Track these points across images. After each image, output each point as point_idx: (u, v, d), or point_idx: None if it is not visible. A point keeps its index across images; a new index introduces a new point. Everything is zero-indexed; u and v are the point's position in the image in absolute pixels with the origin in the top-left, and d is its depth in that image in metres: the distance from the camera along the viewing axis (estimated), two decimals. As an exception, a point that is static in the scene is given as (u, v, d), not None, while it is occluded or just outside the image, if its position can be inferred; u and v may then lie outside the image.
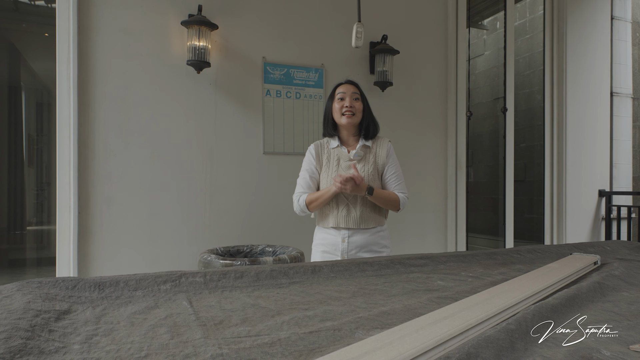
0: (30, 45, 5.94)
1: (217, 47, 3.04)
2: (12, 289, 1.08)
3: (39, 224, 6.88)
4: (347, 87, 2.12)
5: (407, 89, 3.65)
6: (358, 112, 2.10)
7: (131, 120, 2.84)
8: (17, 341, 0.75)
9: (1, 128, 5.86)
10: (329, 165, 2.12)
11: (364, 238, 2.10)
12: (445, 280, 1.61)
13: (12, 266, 5.39)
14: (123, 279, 1.27)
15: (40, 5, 4.99)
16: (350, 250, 2.09)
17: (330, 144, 2.16)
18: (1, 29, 5.65)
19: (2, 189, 5.89)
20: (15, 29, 5.59)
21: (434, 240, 3.75)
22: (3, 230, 6.05)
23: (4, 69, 6.14)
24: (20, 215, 6.47)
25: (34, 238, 6.55)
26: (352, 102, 2.08)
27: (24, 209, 6.55)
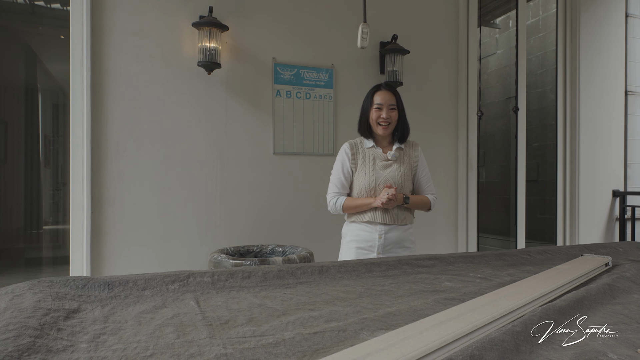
0: (46, 48, 6.05)
1: (228, 48, 3.06)
2: (24, 288, 1.10)
3: (54, 223, 7.00)
4: (386, 95, 2.18)
5: (418, 88, 3.63)
6: (393, 122, 2.20)
7: (143, 121, 2.88)
8: (25, 339, 0.77)
9: (18, 129, 5.97)
10: (365, 165, 2.20)
11: (398, 235, 2.18)
12: (452, 282, 1.60)
13: (29, 265, 5.49)
14: (132, 278, 1.29)
15: (55, 9, 5.08)
16: (387, 246, 2.17)
17: (365, 144, 2.25)
18: (19, 32, 5.74)
19: (19, 189, 5.99)
20: (32, 31, 5.69)
21: (445, 241, 3.73)
22: (20, 229, 6.15)
23: (21, 71, 6.24)
24: (36, 215, 6.58)
25: (49, 237, 6.66)
26: (389, 112, 2.17)
27: (40, 208, 6.65)
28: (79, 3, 2.74)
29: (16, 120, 6.12)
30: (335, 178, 2.23)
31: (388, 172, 2.17)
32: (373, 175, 2.16)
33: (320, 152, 3.30)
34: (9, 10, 5.20)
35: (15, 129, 6.13)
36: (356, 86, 3.43)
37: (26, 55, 6.10)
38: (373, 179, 2.15)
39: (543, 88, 4.88)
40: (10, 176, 6.03)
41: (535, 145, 4.92)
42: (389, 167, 2.18)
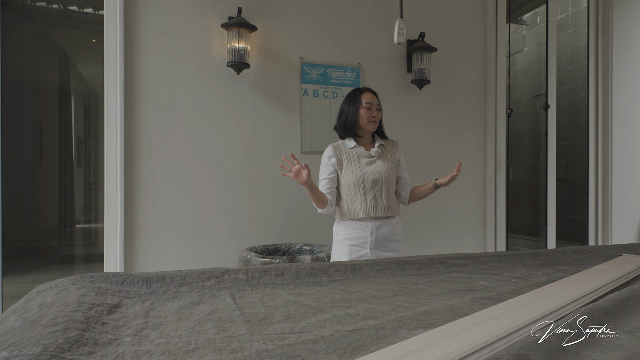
0: (79, 51, 6.21)
1: (256, 48, 3.08)
2: (67, 283, 1.14)
3: (87, 222, 7.19)
4: (372, 97, 2.32)
5: (445, 87, 3.58)
6: (378, 120, 2.33)
7: (174, 121, 2.93)
8: (74, 332, 0.79)
9: (52, 130, 6.15)
10: (350, 163, 2.28)
11: (388, 230, 2.24)
12: (487, 281, 1.57)
13: (62, 262, 5.66)
14: (169, 274, 1.31)
15: (88, 13, 5.22)
16: (378, 241, 2.22)
17: (347, 145, 2.33)
18: (53, 36, 5.90)
19: (53, 188, 6.18)
20: (66, 35, 5.84)
21: (473, 241, 3.67)
22: (54, 227, 6.31)
23: (55, 74, 6.41)
24: (69, 214, 6.76)
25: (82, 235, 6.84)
26: (376, 112, 2.31)
27: (73, 207, 6.82)
28: (113, 6, 2.81)
29: (50, 122, 6.30)
30: (322, 182, 2.31)
31: (374, 167, 2.25)
32: (360, 171, 2.25)
33: (348, 151, 3.29)
34: (44, 16, 5.35)
35: (49, 130, 6.31)
36: (383, 85, 3.40)
37: (60, 59, 6.28)
38: (361, 174, 2.24)
39: (573, 85, 4.74)
40: (45, 176, 6.20)
41: (564, 143, 4.79)
42: (374, 163, 2.27)
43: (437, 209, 3.55)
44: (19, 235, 5.12)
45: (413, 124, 3.49)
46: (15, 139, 4.81)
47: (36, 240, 5.82)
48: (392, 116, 3.42)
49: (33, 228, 5.50)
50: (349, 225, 2.25)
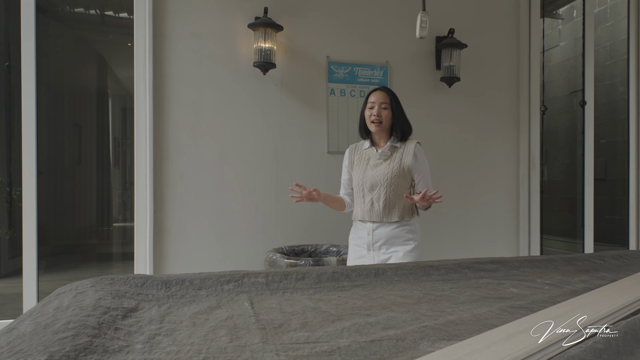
0: (115, 55, 6.39)
1: (283, 48, 3.07)
2: (87, 285, 1.14)
3: (123, 220, 7.40)
4: (378, 95, 2.23)
5: (476, 84, 3.47)
6: (385, 119, 2.21)
7: (201, 122, 2.95)
8: (83, 339, 0.79)
9: (90, 132, 6.35)
10: (360, 165, 2.27)
11: (387, 231, 2.18)
12: (518, 288, 1.49)
13: (100, 260, 5.83)
14: (188, 277, 1.31)
15: (123, 17, 5.35)
16: (375, 243, 2.19)
17: (364, 145, 2.31)
18: (91, 41, 6.08)
19: (91, 188, 6.37)
20: (103, 40, 6.02)
21: (505, 243, 3.54)
22: (92, 226, 6.51)
23: (93, 78, 6.61)
24: (107, 213, 6.95)
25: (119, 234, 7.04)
26: (380, 110, 2.20)
27: (111, 206, 7.00)
28: (142, 9, 2.85)
29: (89, 124, 6.49)
30: (342, 181, 2.38)
31: (377, 170, 2.20)
32: (363, 173, 2.23)
33: (376, 151, 3.23)
34: (82, 21, 5.51)
35: (88, 132, 6.50)
36: (411, 83, 3.33)
37: (97, 63, 6.47)
38: (362, 177, 2.23)
39: (612, 80, 4.51)
40: (83, 176, 6.40)
41: (602, 141, 4.56)
42: (379, 166, 2.20)
43: (468, 211, 3.44)
44: (59, 233, 5.29)
45: (442, 123, 3.40)
46: (56, 140, 4.98)
47: (75, 238, 6.00)
48: (421, 115, 3.34)
49: (72, 226, 5.69)
50: (355, 226, 2.30)
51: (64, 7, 4.96)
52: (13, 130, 3.01)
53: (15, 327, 0.87)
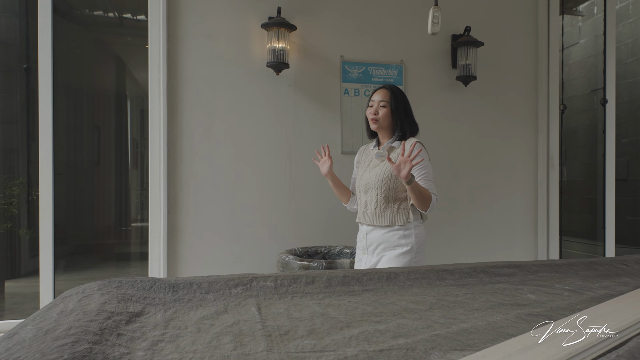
0: (133, 57, 6.47)
1: (296, 48, 3.04)
2: (94, 288, 1.13)
3: (141, 221, 7.48)
4: (379, 93, 2.17)
5: (493, 82, 3.39)
6: (383, 118, 2.14)
7: (215, 123, 2.95)
8: (83, 346, 0.77)
9: (109, 133, 6.44)
10: (362, 166, 2.25)
11: (379, 235, 2.11)
12: (536, 294, 1.43)
13: (119, 259, 5.91)
14: (197, 281, 1.29)
15: (141, 20, 5.41)
16: (370, 246, 2.14)
17: (371, 146, 2.28)
18: (110, 44, 6.16)
19: (110, 189, 6.46)
20: (121, 42, 6.09)
21: (523, 246, 3.45)
22: (111, 226, 6.59)
23: (112, 80, 6.70)
24: (125, 213, 7.03)
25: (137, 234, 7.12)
26: (378, 109, 2.15)
27: (129, 207, 7.08)
28: (156, 11, 2.86)
29: (108, 126, 6.57)
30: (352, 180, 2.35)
31: (372, 172, 2.14)
32: (362, 174, 2.20)
33: (391, 151, 3.19)
34: (101, 24, 5.58)
35: (107, 133, 6.58)
36: (427, 82, 3.27)
37: (116, 65, 6.55)
38: (360, 178, 2.20)
39: (634, 78, 4.38)
40: (102, 177, 6.48)
41: (624, 140, 4.43)
42: (376, 167, 2.14)
43: (484, 212, 3.37)
44: (78, 233, 5.36)
45: (458, 123, 3.33)
46: (75, 141, 5.06)
47: (94, 238, 6.08)
48: (436, 115, 3.29)
49: (91, 226, 5.76)
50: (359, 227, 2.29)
51: (83, 10, 5.03)
52: (32, 132, 3.06)
53: (17, 332, 0.86)
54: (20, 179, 3.42)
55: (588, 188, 4.82)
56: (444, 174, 3.30)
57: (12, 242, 3.49)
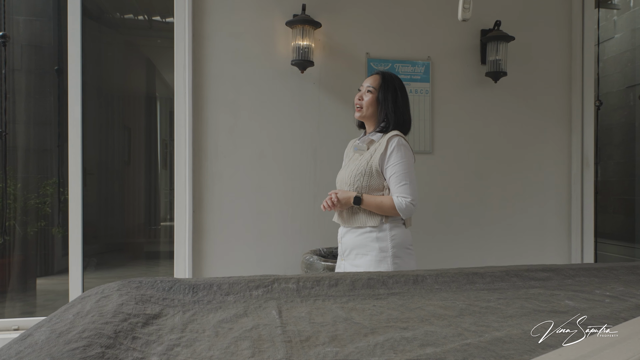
0: (162, 59, 6.57)
1: (321, 46, 3.00)
2: (113, 289, 1.12)
3: (170, 220, 7.60)
4: (370, 79, 2.02)
5: (524, 78, 3.26)
6: (366, 106, 1.98)
7: (240, 122, 2.93)
8: (95, 350, 0.75)
9: (139, 134, 6.55)
10: (347, 160, 2.10)
11: (352, 238, 1.94)
12: (574, 300, 1.34)
13: (148, 258, 6.01)
14: (217, 282, 1.26)
15: (169, 22, 5.49)
16: (344, 251, 1.98)
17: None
18: (140, 46, 6.26)
19: (140, 188, 6.57)
20: (151, 44, 6.19)
21: (556, 249, 3.30)
22: (141, 225, 6.70)
23: (142, 81, 6.81)
24: (154, 212, 7.15)
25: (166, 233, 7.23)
26: (363, 94, 1.99)
27: (158, 206, 7.18)
28: (182, 10, 2.87)
29: (138, 126, 6.69)
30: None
31: (348, 167, 1.98)
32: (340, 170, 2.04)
33: (417, 150, 3.11)
34: (132, 27, 5.68)
35: (137, 134, 6.70)
36: (454, 79, 3.17)
37: (146, 67, 6.66)
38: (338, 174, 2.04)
39: (675, 73, 4.14)
40: (132, 177, 6.59)
41: (662, 138, 4.20)
42: (353, 162, 1.98)
43: (514, 213, 3.25)
44: (109, 232, 5.47)
45: (487, 120, 3.22)
46: (106, 142, 5.16)
47: (124, 237, 6.19)
48: (464, 112, 3.19)
49: (121, 225, 5.86)
50: None
51: (114, 13, 5.12)
52: (64, 133, 3.12)
53: (31, 334, 0.84)
54: (53, 178, 3.50)
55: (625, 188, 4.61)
56: (472, 173, 3.20)
57: (45, 240, 3.57)
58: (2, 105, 3.14)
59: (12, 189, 3.21)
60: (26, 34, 3.38)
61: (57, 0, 3.49)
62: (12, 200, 3.21)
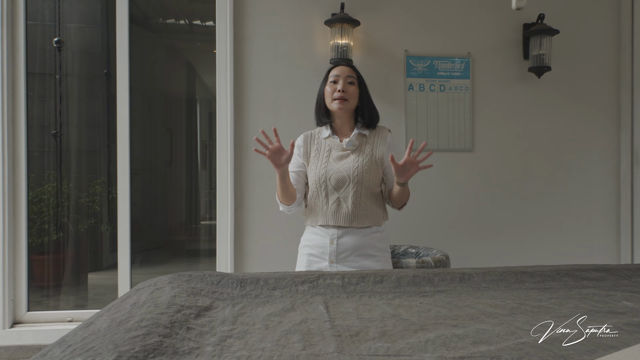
0: (202, 62, 6.74)
1: (359, 44, 2.99)
2: (165, 282, 1.15)
3: (210, 219, 7.78)
4: (342, 69, 1.86)
5: (569, 73, 3.14)
6: (352, 97, 1.83)
7: (280, 121, 2.96)
8: (154, 338, 0.77)
9: (180, 135, 6.73)
10: (318, 156, 1.87)
11: (355, 239, 1.79)
12: (633, 301, 1.28)
13: (189, 255, 6.17)
14: (263, 277, 1.28)
15: (209, 26, 5.62)
16: (340, 254, 1.79)
17: (322, 134, 1.93)
18: (181, 50, 6.44)
19: (181, 188, 6.75)
20: (191, 48, 6.36)
21: (603, 249, 3.16)
22: (182, 224, 6.87)
23: (183, 84, 6.99)
24: (195, 211, 7.32)
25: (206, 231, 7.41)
26: (346, 85, 1.82)
27: (198, 205, 7.35)
28: (224, 13, 2.93)
29: (179, 128, 6.87)
30: (290, 172, 1.89)
31: (342, 163, 1.81)
32: (324, 167, 1.81)
33: (456, 148, 3.05)
34: (173, 31, 5.85)
35: (178, 135, 6.88)
36: (495, 75, 3.09)
37: (187, 70, 6.84)
38: (324, 171, 1.80)
39: None
40: (174, 177, 6.77)
41: None
42: (345, 158, 1.82)
43: (559, 212, 3.13)
44: (152, 230, 5.64)
45: (531, 117, 3.12)
46: (150, 143, 5.33)
47: (166, 234, 6.37)
48: (506, 109, 3.10)
49: (164, 224, 6.03)
50: (309, 231, 1.90)
51: (157, 19, 5.28)
52: (112, 134, 3.25)
53: (93, 322, 0.88)
54: (102, 178, 3.65)
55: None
56: (514, 172, 3.11)
57: (95, 237, 3.73)
58: (57, 108, 3.31)
59: (65, 187, 3.37)
60: (77, 41, 3.54)
61: (105, 7, 3.64)
62: (65, 199, 3.37)
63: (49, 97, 3.31)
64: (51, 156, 3.33)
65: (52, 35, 3.29)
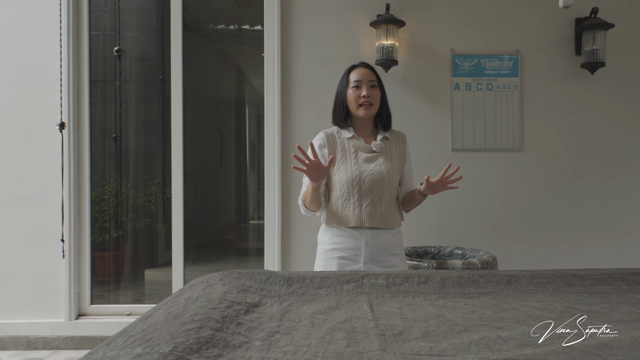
0: (251, 65, 6.91)
1: (405, 44, 2.98)
2: (216, 278, 1.22)
3: (258, 218, 7.96)
4: (363, 72, 1.83)
5: (624, 69, 2.98)
6: (376, 102, 1.82)
7: (326, 123, 2.98)
8: (207, 332, 0.83)
9: (230, 137, 6.93)
10: (345, 157, 1.82)
11: (386, 239, 1.83)
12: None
13: (238, 254, 6.36)
14: (309, 275, 1.32)
15: (257, 30, 5.77)
16: (374, 254, 1.81)
17: (343, 134, 1.88)
18: (230, 54, 6.63)
19: (231, 188, 6.95)
20: (240, 52, 6.54)
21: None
22: (232, 223, 7.06)
23: (232, 87, 7.19)
24: (244, 211, 7.50)
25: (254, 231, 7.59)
26: (369, 90, 1.80)
27: (247, 205, 7.52)
28: (271, 18, 3.01)
29: (229, 130, 7.06)
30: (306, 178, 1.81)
31: (374, 165, 1.80)
32: (357, 169, 1.78)
33: (504, 148, 2.97)
34: (223, 36, 6.03)
35: (228, 137, 7.08)
36: (546, 72, 2.98)
37: (236, 74, 7.03)
38: (357, 173, 1.77)
39: None
40: (224, 177, 6.98)
41: None
42: (375, 160, 1.81)
43: (613, 213, 2.99)
44: (204, 229, 5.85)
45: (583, 114, 2.99)
46: (202, 145, 5.54)
47: (217, 233, 6.57)
48: (558, 106, 2.99)
49: (214, 223, 6.23)
50: (337, 234, 1.84)
51: (208, 24, 5.48)
52: (167, 137, 3.41)
53: (151, 315, 0.96)
54: (158, 179, 3.84)
55: None
56: (565, 171, 3.00)
57: (150, 235, 3.92)
58: (117, 112, 3.52)
59: (124, 188, 3.58)
60: (135, 49, 3.75)
61: (161, 16, 3.83)
62: (124, 199, 3.58)
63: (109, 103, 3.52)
64: (111, 158, 3.55)
65: (112, 44, 3.49)
